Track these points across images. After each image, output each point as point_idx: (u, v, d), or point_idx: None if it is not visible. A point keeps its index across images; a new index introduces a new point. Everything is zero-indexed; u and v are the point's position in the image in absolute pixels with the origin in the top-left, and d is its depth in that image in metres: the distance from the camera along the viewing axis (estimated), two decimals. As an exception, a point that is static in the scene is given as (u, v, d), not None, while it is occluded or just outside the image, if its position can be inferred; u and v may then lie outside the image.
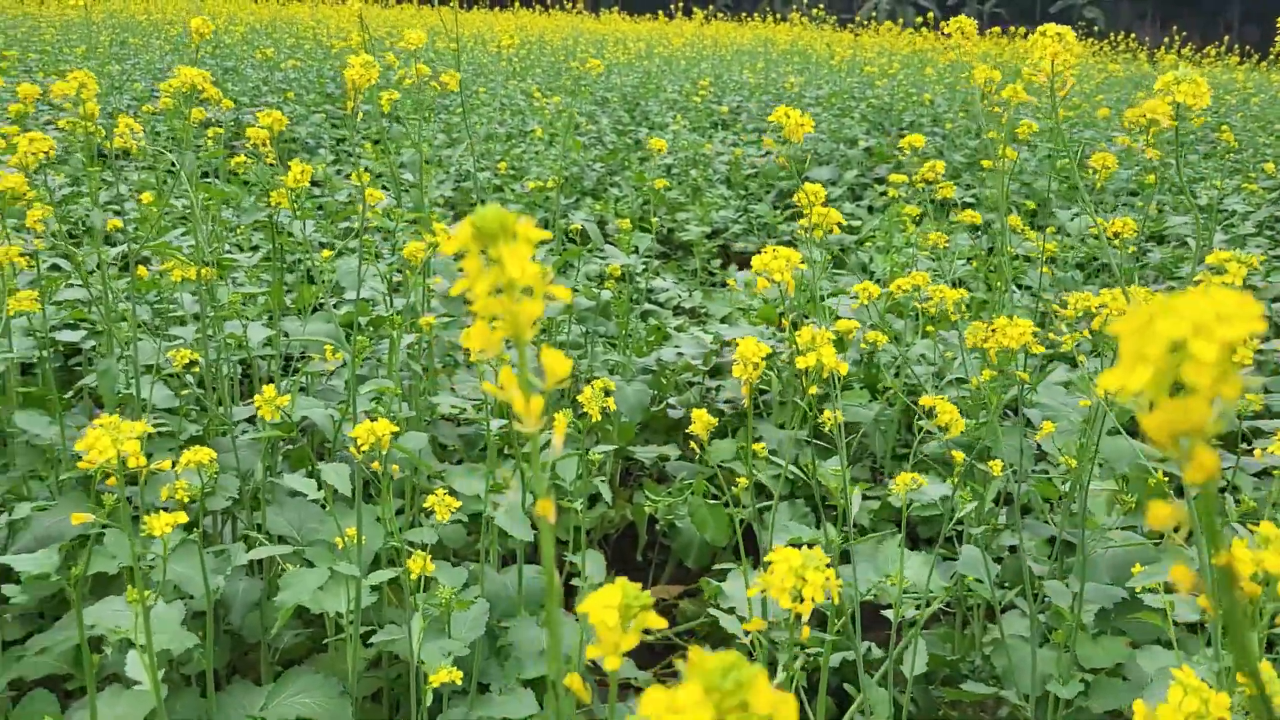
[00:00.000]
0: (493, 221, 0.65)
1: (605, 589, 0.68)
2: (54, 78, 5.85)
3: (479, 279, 0.64)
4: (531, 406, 0.67)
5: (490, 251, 0.66)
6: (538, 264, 0.66)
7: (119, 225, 2.57)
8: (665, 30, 18.48)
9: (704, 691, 0.46)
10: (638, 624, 0.67)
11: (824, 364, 1.49)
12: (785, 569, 0.87)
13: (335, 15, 16.72)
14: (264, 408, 1.76)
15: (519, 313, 0.65)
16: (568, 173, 7.63)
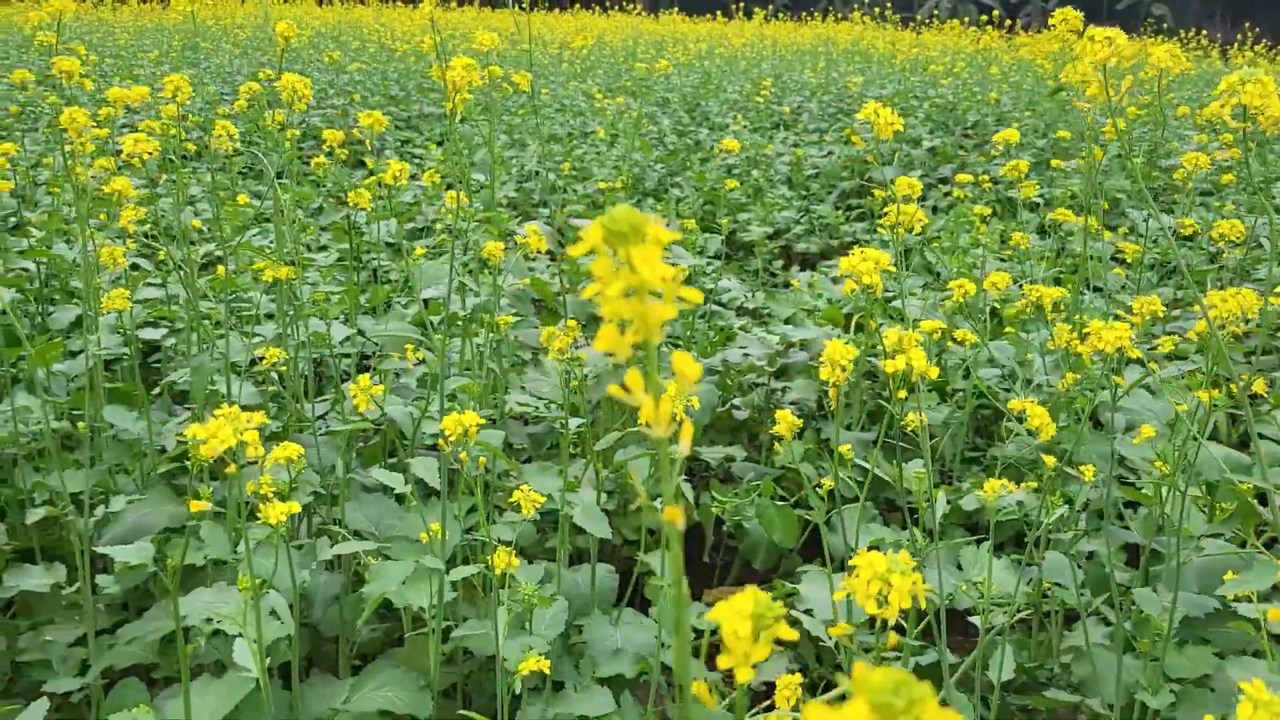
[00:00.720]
0: (623, 222, 0.64)
1: (737, 597, 0.67)
2: (129, 82, 6.00)
3: (611, 281, 0.64)
4: (661, 410, 0.67)
5: (620, 253, 0.65)
6: (670, 265, 0.65)
7: (198, 225, 2.62)
8: (725, 31, 18.43)
9: (871, 709, 0.45)
10: (768, 635, 0.66)
11: (913, 367, 1.47)
12: (870, 573, 0.86)
13: (399, 19, 16.92)
14: (359, 397, 1.78)
15: (650, 315, 0.65)
16: (626, 173, 7.64)
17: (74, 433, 2.47)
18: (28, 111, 7.70)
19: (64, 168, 3.29)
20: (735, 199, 7.45)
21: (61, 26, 2.82)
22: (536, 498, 1.62)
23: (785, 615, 0.73)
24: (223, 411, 1.31)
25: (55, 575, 2.18)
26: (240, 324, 3.03)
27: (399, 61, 11.86)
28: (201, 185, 4.58)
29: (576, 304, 3.61)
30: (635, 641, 2.05)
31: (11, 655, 2.19)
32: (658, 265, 0.64)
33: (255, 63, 11.26)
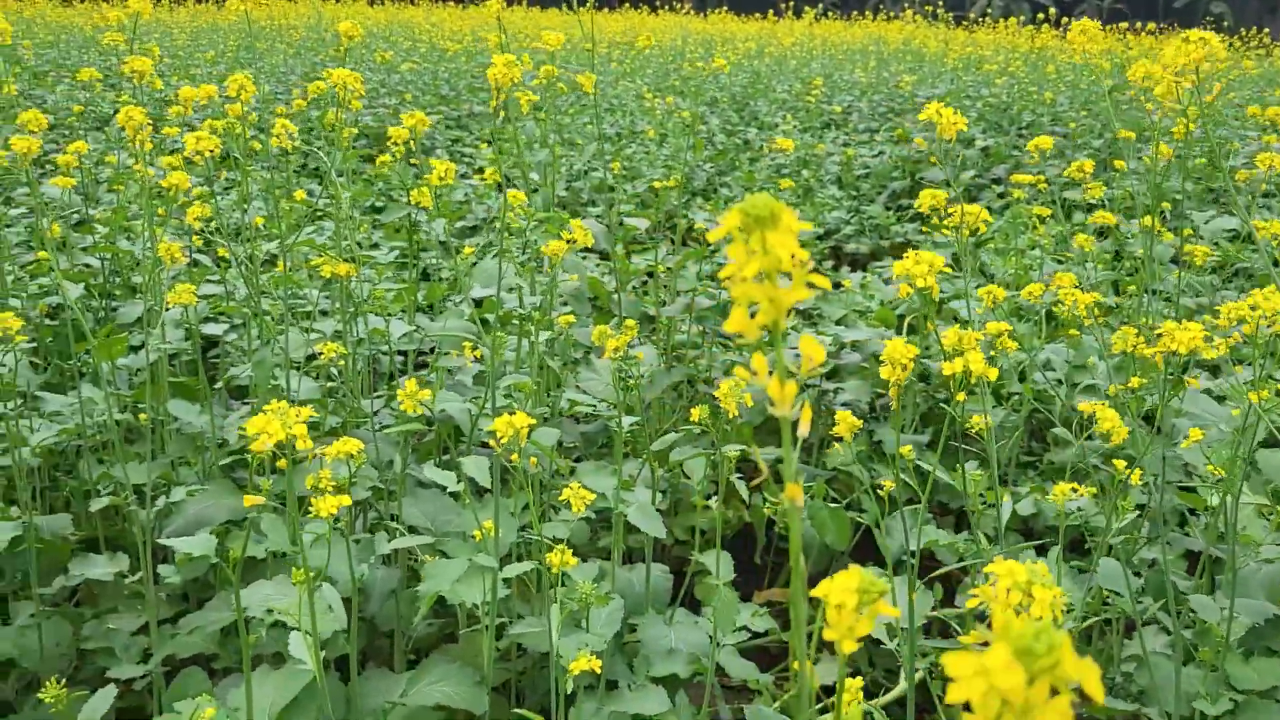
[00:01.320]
0: (763, 208, 0.66)
1: (844, 574, 0.68)
2: (185, 81, 6.09)
3: (748, 264, 0.65)
4: (786, 391, 0.68)
5: (753, 239, 0.66)
6: (803, 251, 0.66)
7: (260, 222, 2.66)
8: (774, 30, 18.35)
9: (1013, 653, 0.48)
10: (871, 610, 0.67)
11: (973, 370, 1.45)
12: (1010, 582, 0.85)
13: (450, 18, 17.05)
14: (406, 401, 1.80)
15: (781, 298, 0.66)
16: (680, 172, 7.63)
17: (138, 425, 2.52)
18: (89, 110, 7.86)
19: (127, 165, 3.35)
20: (784, 199, 7.41)
21: (136, 27, 2.87)
22: (587, 495, 1.62)
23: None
24: (272, 406, 1.32)
25: (119, 565, 2.23)
26: (297, 320, 3.08)
27: (449, 61, 11.95)
28: (256, 183, 4.65)
29: (629, 304, 3.61)
30: (689, 641, 2.05)
31: (77, 643, 2.24)
32: (792, 248, 0.66)
33: (309, 62, 11.40)
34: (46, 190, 3.53)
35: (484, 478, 1.79)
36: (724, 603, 1.89)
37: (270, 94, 8.77)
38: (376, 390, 2.90)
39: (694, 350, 3.80)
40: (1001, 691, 0.50)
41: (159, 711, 2.13)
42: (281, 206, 3.42)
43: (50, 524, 2.29)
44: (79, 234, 3.89)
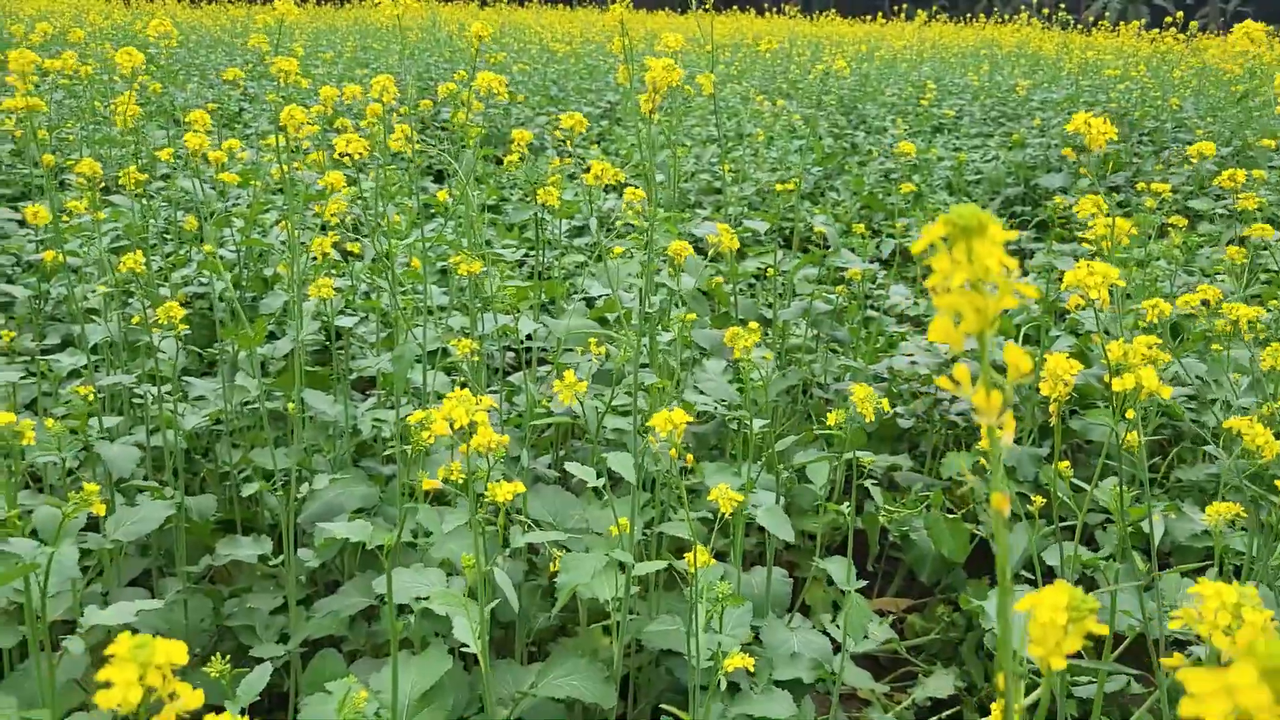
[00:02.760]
0: (970, 218, 0.66)
1: (1049, 590, 0.68)
2: (308, 81, 6.26)
3: (955, 272, 0.66)
4: (992, 401, 0.68)
5: (958, 248, 0.67)
6: (1010, 259, 0.67)
7: (399, 220, 2.73)
8: (883, 32, 18.11)
9: (1259, 673, 0.47)
10: (1079, 628, 0.67)
11: (1144, 387, 1.42)
12: (1218, 604, 0.83)
13: (560, 20, 17.26)
14: (564, 393, 1.83)
15: (988, 307, 0.66)
16: (785, 175, 7.60)
17: (276, 413, 2.61)
18: (219, 110, 8.15)
19: (255, 162, 3.48)
20: (893, 204, 7.33)
21: (281, 29, 2.99)
22: (735, 496, 1.63)
23: (938, 629, 0.73)
24: (456, 394, 1.37)
25: (262, 547, 2.32)
26: (422, 315, 3.16)
27: (558, 63, 12.09)
28: (374, 181, 4.78)
29: (746, 305, 3.61)
30: (812, 646, 2.04)
31: (218, 620, 2.34)
32: (999, 257, 0.66)
33: (423, 63, 11.65)
34: (184, 184, 3.69)
35: (629, 473, 1.82)
36: (855, 609, 1.88)
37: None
38: (490, 386, 2.96)
39: (809, 355, 3.78)
40: (1244, 710, 0.50)
41: (296, 690, 2.21)
42: (405, 205, 3.52)
43: (197, 505, 2.40)
44: (215, 227, 4.05)
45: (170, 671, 0.73)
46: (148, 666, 0.72)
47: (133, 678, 0.71)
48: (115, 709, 0.72)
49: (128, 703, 0.71)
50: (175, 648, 0.73)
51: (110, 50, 7.25)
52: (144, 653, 0.72)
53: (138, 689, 0.71)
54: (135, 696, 0.71)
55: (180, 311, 2.30)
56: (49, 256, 2.57)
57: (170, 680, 0.73)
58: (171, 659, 0.73)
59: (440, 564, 2.10)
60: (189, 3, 18.81)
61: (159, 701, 0.73)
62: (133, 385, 2.53)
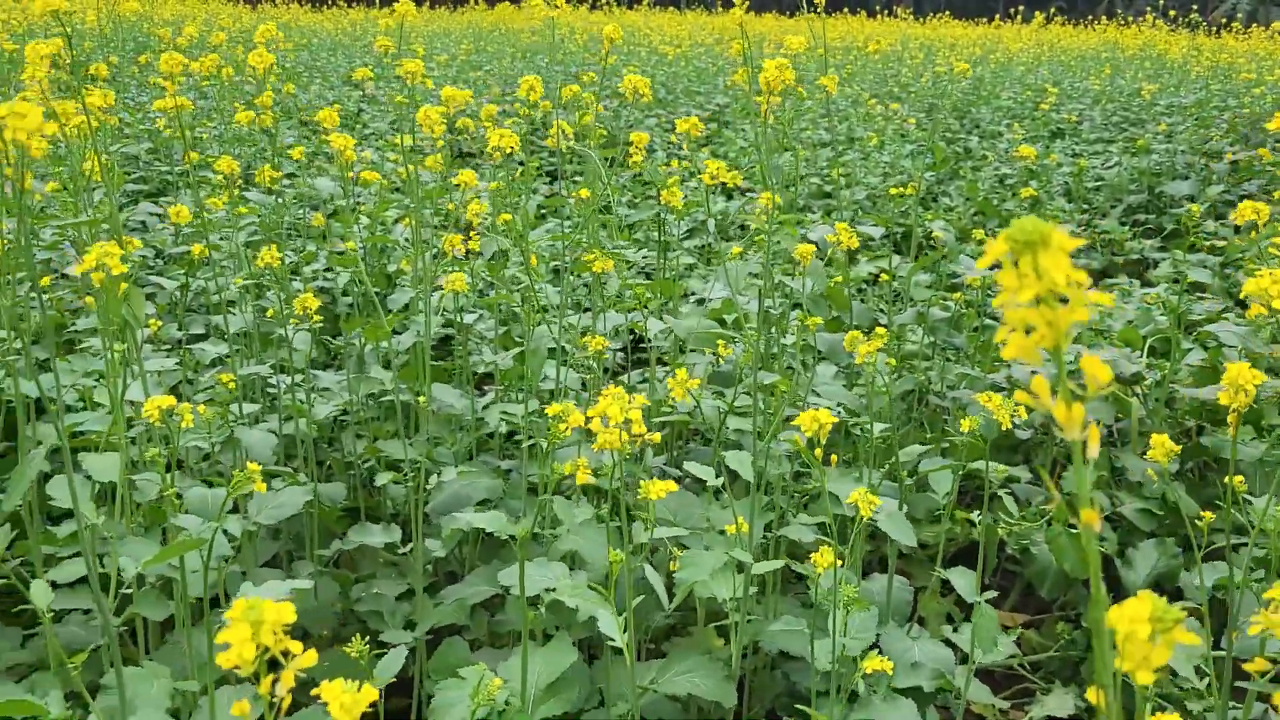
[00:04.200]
0: (1031, 231, 0.66)
1: (1133, 602, 0.67)
2: (425, 82, 6.42)
3: (1022, 288, 0.65)
4: (1073, 414, 0.67)
5: (1023, 261, 0.66)
6: (1078, 271, 0.66)
7: (531, 220, 2.78)
8: (998, 34, 17.71)
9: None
10: (1167, 639, 0.66)
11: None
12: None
13: (667, 23, 17.33)
14: (676, 389, 1.85)
15: (1059, 321, 0.66)
16: (897, 180, 7.50)
17: (401, 404, 2.68)
18: (340, 111, 8.39)
19: (373, 161, 3.57)
20: (1009, 210, 7.17)
21: (403, 31, 3.07)
22: (873, 500, 1.62)
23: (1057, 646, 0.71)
24: (611, 391, 1.39)
25: (391, 535, 2.38)
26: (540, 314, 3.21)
27: (667, 65, 12.14)
28: (484, 180, 4.88)
29: (860, 310, 3.57)
30: (934, 656, 2.01)
31: (346, 604, 2.41)
32: (1066, 269, 0.65)
33: (534, 65, 11.82)
34: (318, 184, 3.81)
35: (747, 473, 1.82)
36: (985, 620, 1.85)
37: (500, 95, 9.15)
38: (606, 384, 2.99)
39: (925, 361, 3.72)
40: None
41: (420, 676, 2.27)
42: (522, 206, 3.58)
43: (327, 492, 2.48)
44: (337, 222, 4.18)
45: (281, 630, 0.77)
46: (259, 625, 0.76)
47: (247, 636, 0.76)
48: (235, 668, 0.76)
49: (244, 660, 0.76)
50: (283, 608, 0.78)
51: (240, 53, 7.52)
52: (255, 613, 0.76)
53: (251, 646, 0.76)
54: (250, 653, 0.76)
55: (314, 304, 2.39)
56: (196, 250, 2.69)
57: (282, 639, 0.77)
58: (281, 618, 0.77)
59: (562, 557, 2.13)
60: (310, 7, 19.44)
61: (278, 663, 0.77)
62: (268, 375, 2.62)
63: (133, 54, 9.06)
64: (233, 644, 0.76)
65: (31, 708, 1.44)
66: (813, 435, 1.52)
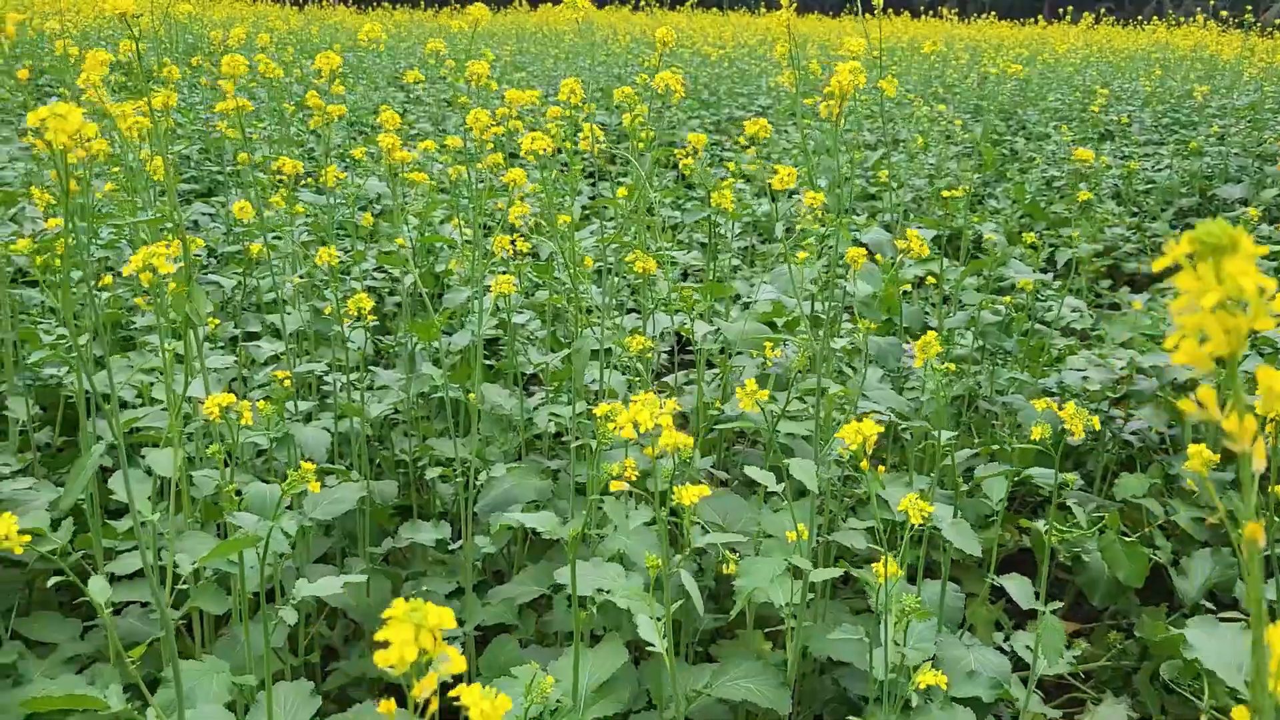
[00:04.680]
0: (1219, 235, 0.63)
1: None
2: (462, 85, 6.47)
3: (1205, 293, 0.63)
4: (1245, 427, 0.65)
5: (1205, 266, 0.64)
6: (1266, 278, 0.63)
7: (568, 219, 2.79)
8: (1045, 35, 17.49)
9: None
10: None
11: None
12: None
13: (710, 24, 17.32)
14: (745, 399, 1.84)
15: (1240, 329, 0.64)
16: (942, 182, 7.43)
17: (451, 403, 2.70)
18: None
19: (419, 163, 3.59)
20: (1056, 213, 7.08)
21: (475, 33, 3.07)
22: (925, 507, 1.60)
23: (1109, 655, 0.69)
24: (642, 396, 1.39)
25: (441, 532, 2.39)
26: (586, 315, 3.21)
27: (711, 66, 12.12)
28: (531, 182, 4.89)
29: (910, 313, 3.54)
30: (991, 665, 1.99)
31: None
32: (1253, 276, 0.63)
33: (575, 67, 11.85)
34: (370, 185, 3.84)
35: (810, 480, 1.81)
36: (1051, 630, 1.83)
37: (544, 96, 9.17)
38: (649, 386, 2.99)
39: (974, 366, 3.68)
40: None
41: (471, 673, 2.28)
42: (568, 206, 3.58)
43: (379, 489, 2.50)
44: (384, 222, 4.21)
45: (440, 635, 0.77)
46: (421, 628, 0.75)
47: (409, 638, 0.75)
48: (390, 667, 0.76)
49: (403, 661, 0.75)
50: (444, 613, 0.77)
51: (291, 55, 7.59)
52: (418, 615, 0.76)
53: (413, 648, 0.75)
54: (411, 655, 0.75)
55: (369, 303, 2.40)
56: (255, 249, 2.72)
57: (440, 643, 0.77)
58: (442, 623, 0.76)
59: (611, 558, 2.13)
60: (356, 9, 19.62)
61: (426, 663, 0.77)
62: (323, 373, 2.65)
63: (184, 55, 9.19)
64: (394, 644, 0.75)
65: (91, 701, 1.46)
66: (859, 447, 1.50)
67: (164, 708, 1.64)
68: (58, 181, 1.28)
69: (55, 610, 2.39)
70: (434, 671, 0.77)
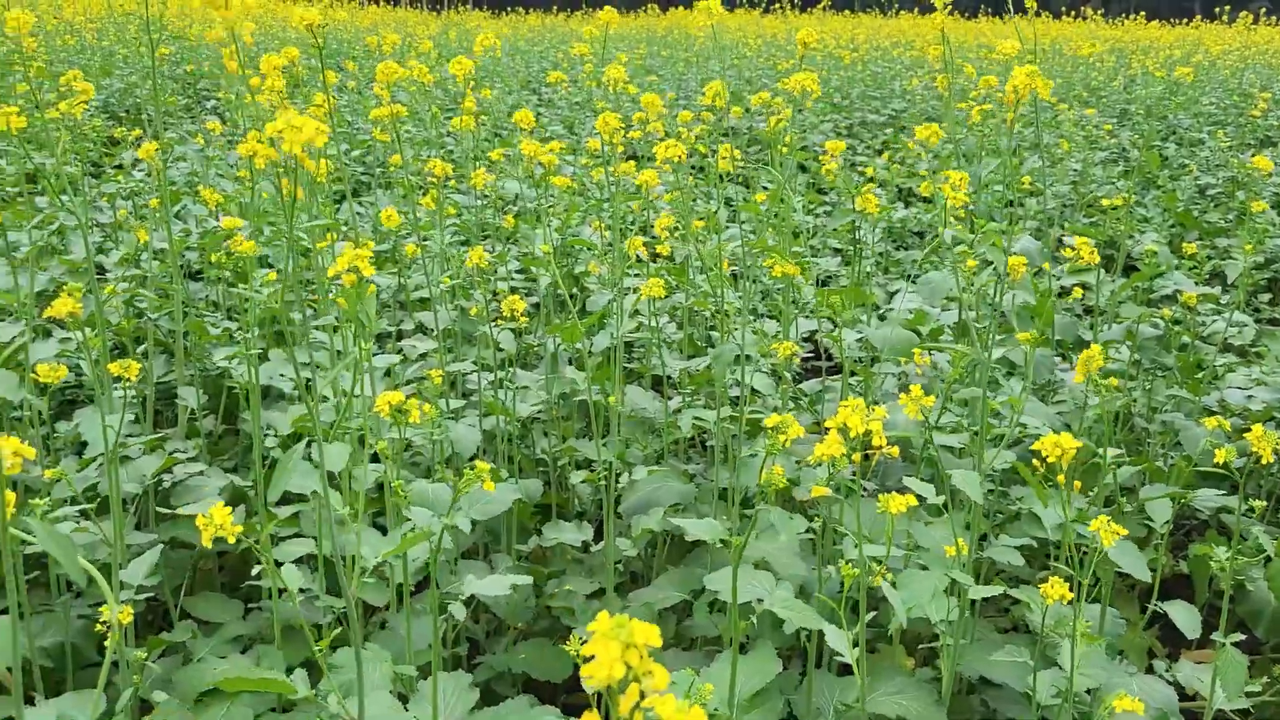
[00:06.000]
0: None
1: None
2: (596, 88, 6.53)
3: None
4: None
5: None
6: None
7: (700, 225, 2.78)
8: (1198, 36, 16.69)
9: None
10: None
11: None
12: None
13: (841, 27, 17.10)
14: (910, 406, 1.80)
15: None
16: (1086, 188, 7.16)
17: (593, 405, 2.72)
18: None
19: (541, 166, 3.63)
20: (1211, 223, 6.76)
21: (606, 36, 3.11)
22: (1119, 529, 1.53)
23: None
24: (851, 402, 1.37)
25: (584, 533, 2.41)
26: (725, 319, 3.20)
27: (844, 70, 11.96)
28: (666, 186, 4.90)
29: (1063, 325, 3.42)
30: (1157, 695, 1.90)
31: (538, 598, 2.46)
32: None
33: (708, 70, 11.85)
34: (508, 186, 3.91)
35: (975, 492, 1.76)
36: (1232, 664, 1.73)
37: (674, 100, 9.20)
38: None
39: (1130, 381, 3.53)
40: None
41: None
42: (708, 210, 3.57)
43: (525, 488, 2.54)
44: (526, 224, 4.28)
45: (646, 652, 0.76)
46: (629, 646, 0.75)
47: (617, 655, 0.75)
48: (594, 683, 0.75)
49: (611, 678, 0.74)
50: (650, 630, 0.76)
51: (434, 56, 7.78)
52: (624, 632, 0.75)
53: (620, 665, 0.75)
54: (619, 673, 0.75)
55: (522, 305, 2.44)
56: (411, 250, 2.80)
57: (646, 659, 0.76)
58: (649, 640, 0.76)
59: (757, 565, 2.12)
60: (490, 13, 20.05)
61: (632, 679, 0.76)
62: (470, 372, 2.70)
63: (330, 57, 9.53)
64: (600, 659, 0.75)
65: (280, 685, 1.52)
66: (1055, 460, 1.45)
67: (337, 692, 1.69)
68: (279, 189, 1.33)
69: (216, 591, 2.51)
70: (636, 685, 0.76)
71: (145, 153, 2.50)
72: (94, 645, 2.31)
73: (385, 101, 2.93)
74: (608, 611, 2.08)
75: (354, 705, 1.46)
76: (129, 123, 7.47)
